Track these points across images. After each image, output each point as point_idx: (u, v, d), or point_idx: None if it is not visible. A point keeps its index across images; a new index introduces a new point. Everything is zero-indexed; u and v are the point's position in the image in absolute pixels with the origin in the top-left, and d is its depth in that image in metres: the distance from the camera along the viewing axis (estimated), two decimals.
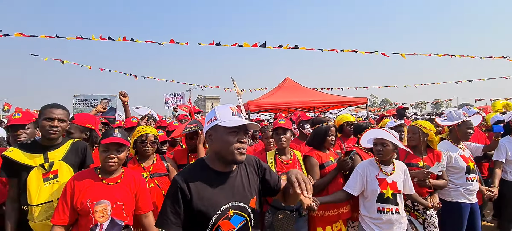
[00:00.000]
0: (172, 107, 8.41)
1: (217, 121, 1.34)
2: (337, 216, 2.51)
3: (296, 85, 8.90)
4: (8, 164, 1.95)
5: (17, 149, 1.97)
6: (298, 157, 2.60)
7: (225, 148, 1.33)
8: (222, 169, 1.40)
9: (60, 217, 1.77)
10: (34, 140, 2.08)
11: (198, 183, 1.33)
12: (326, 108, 9.71)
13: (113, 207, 1.83)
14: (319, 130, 2.66)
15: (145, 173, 2.36)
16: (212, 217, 1.30)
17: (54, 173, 1.98)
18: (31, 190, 1.92)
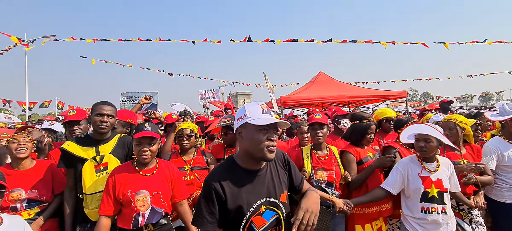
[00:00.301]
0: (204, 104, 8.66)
1: (247, 118, 1.35)
2: (378, 213, 2.42)
3: (330, 79, 8.67)
4: (66, 156, 2.16)
5: (73, 142, 2.17)
6: (334, 152, 2.54)
7: (254, 146, 1.34)
8: (252, 166, 1.41)
9: (106, 208, 1.90)
10: (87, 134, 2.27)
11: (231, 183, 1.36)
12: (361, 102, 9.35)
13: (152, 196, 1.94)
14: (358, 126, 2.56)
15: (186, 166, 2.47)
16: (245, 215, 1.34)
17: (104, 165, 2.16)
18: (85, 180, 2.11)
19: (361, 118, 2.60)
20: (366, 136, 2.54)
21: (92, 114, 2.21)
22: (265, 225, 1.37)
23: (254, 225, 1.35)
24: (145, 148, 1.92)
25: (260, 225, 1.36)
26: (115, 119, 2.30)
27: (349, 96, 8.01)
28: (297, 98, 7.60)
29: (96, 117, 2.17)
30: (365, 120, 2.57)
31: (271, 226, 1.38)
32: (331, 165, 2.44)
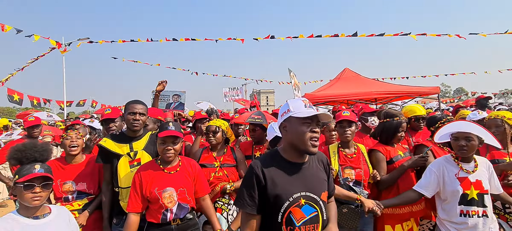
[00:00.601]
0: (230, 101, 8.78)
1: (290, 113, 1.41)
2: (409, 214, 2.33)
3: (356, 75, 8.42)
4: (103, 152, 2.29)
5: (109, 139, 2.30)
6: (362, 151, 2.48)
7: (298, 138, 1.39)
8: (295, 159, 1.45)
9: (134, 205, 1.98)
10: (122, 132, 2.40)
11: (272, 171, 1.42)
12: (389, 99, 8.99)
13: (177, 193, 2.01)
14: (389, 124, 2.48)
15: (216, 162, 2.54)
16: (284, 203, 1.38)
17: (138, 160, 2.26)
18: (120, 174, 2.22)
19: (392, 115, 2.51)
20: (397, 134, 2.45)
21: (125, 112, 2.33)
22: (304, 219, 1.39)
23: (293, 216, 1.38)
24: (169, 147, 1.98)
25: (299, 217, 1.38)
26: (147, 117, 2.40)
27: (376, 93, 7.73)
28: (322, 95, 7.47)
29: (129, 115, 2.28)
30: (396, 118, 2.48)
31: (310, 222, 1.39)
32: (359, 164, 2.38)
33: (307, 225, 1.39)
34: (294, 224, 1.37)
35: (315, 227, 1.41)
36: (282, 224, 1.38)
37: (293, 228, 1.37)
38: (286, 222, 1.37)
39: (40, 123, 3.76)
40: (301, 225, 1.38)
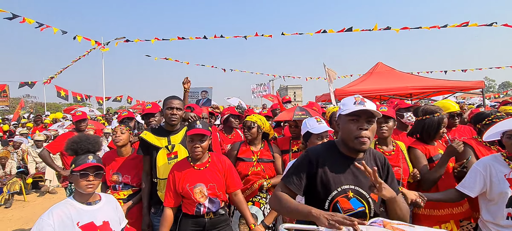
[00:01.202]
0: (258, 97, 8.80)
1: (340, 110, 1.45)
2: (449, 216, 2.22)
3: (390, 70, 8.03)
4: (143, 144, 2.44)
5: (149, 132, 2.44)
6: (401, 148, 2.36)
7: (346, 136, 1.42)
8: (349, 154, 1.47)
9: (169, 201, 2.11)
10: (160, 126, 2.53)
11: (326, 159, 1.46)
12: (426, 95, 8.49)
13: (208, 188, 2.09)
14: (429, 121, 2.35)
15: (254, 157, 2.60)
16: (332, 191, 1.41)
17: (175, 153, 2.38)
18: (159, 166, 2.35)
19: (432, 112, 2.38)
20: (438, 131, 2.33)
21: (163, 108, 2.45)
22: (350, 211, 1.40)
23: (340, 205, 1.40)
24: (197, 144, 2.05)
25: (346, 208, 1.40)
26: (183, 111, 2.51)
27: (412, 88, 7.33)
28: (353, 91, 7.21)
29: (167, 110, 2.40)
30: (436, 114, 2.36)
31: (356, 216, 1.38)
32: (398, 162, 2.28)
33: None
34: (340, 213, 1.38)
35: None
36: (329, 211, 1.38)
37: None
38: (333, 210, 1.39)
39: (86, 117, 4.08)
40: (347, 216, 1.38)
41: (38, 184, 7.17)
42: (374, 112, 1.39)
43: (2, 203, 5.91)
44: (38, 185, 7.16)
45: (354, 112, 1.38)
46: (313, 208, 1.31)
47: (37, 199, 6.62)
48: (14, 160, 6.54)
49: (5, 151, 6.40)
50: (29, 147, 7.29)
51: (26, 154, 7.13)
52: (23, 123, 10.51)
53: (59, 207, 1.65)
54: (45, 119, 10.82)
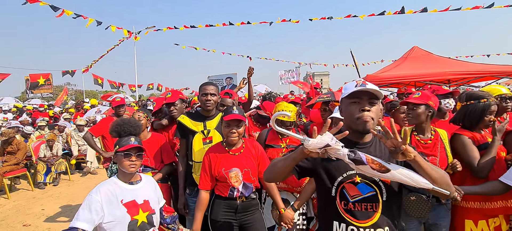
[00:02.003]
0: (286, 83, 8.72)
1: (342, 95, 1.42)
2: (502, 209, 2.06)
3: (427, 54, 7.54)
4: (181, 128, 2.53)
5: (186, 116, 2.53)
6: (441, 137, 2.23)
7: (349, 119, 1.38)
8: (355, 139, 1.42)
9: (204, 184, 2.19)
10: (197, 111, 2.61)
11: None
12: (466, 81, 7.89)
13: (242, 173, 2.13)
14: (472, 107, 2.19)
15: (282, 143, 2.60)
16: (336, 178, 1.39)
17: (210, 138, 2.45)
18: (195, 149, 2.44)
19: (477, 97, 2.22)
20: (483, 118, 2.17)
21: (199, 93, 2.52)
22: (359, 197, 1.37)
23: (347, 191, 1.38)
24: (233, 130, 2.09)
25: (353, 194, 1.37)
26: (218, 97, 2.55)
27: (451, 73, 6.83)
28: (385, 77, 6.90)
29: (202, 96, 2.46)
30: (482, 100, 2.19)
31: (366, 200, 1.36)
32: (435, 150, 2.16)
33: (363, 203, 1.36)
34: (348, 199, 1.37)
35: (374, 207, 1.37)
36: (336, 198, 1.39)
37: (347, 203, 1.37)
38: (340, 196, 1.38)
39: (124, 103, 4.33)
40: (355, 202, 1.36)
41: (81, 165, 7.77)
42: (375, 93, 1.34)
43: (51, 181, 6.50)
44: (81, 166, 7.76)
45: (354, 93, 1.34)
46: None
47: (80, 179, 7.19)
48: (60, 143, 7.11)
49: (52, 134, 6.98)
50: (72, 130, 7.87)
51: (70, 137, 7.71)
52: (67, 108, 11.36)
53: (105, 185, 1.77)
54: (85, 105, 11.60)
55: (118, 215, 1.70)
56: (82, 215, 1.62)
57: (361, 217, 1.35)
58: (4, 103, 14.98)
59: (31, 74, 17.05)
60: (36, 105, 14.03)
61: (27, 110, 11.84)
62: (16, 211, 5.09)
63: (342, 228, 1.38)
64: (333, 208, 1.39)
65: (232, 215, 2.19)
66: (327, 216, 1.43)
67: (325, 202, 1.44)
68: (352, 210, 1.35)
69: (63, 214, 4.89)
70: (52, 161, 6.51)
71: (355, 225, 1.35)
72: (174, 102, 3.11)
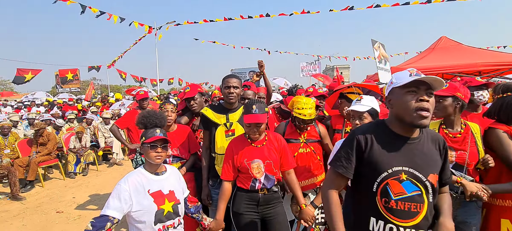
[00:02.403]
0: (307, 75, 8.60)
1: (393, 84, 1.33)
2: None
3: (456, 44, 7.15)
4: (204, 120, 2.57)
5: (209, 109, 2.56)
6: (473, 131, 2.11)
7: (403, 110, 1.29)
8: (403, 133, 1.35)
9: (226, 174, 2.20)
10: (220, 103, 2.63)
11: (375, 139, 1.37)
12: (499, 72, 7.41)
13: (264, 164, 2.13)
14: (510, 100, 2.07)
15: (301, 138, 2.56)
16: (381, 173, 1.31)
17: (232, 131, 2.47)
18: (217, 142, 2.48)
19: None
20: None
21: (222, 86, 2.54)
22: (403, 195, 1.29)
23: (390, 188, 1.30)
24: (254, 130, 2.11)
25: (397, 192, 1.30)
26: (241, 89, 2.56)
27: (482, 64, 6.44)
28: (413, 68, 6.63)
29: (225, 89, 2.48)
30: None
31: (410, 200, 1.29)
32: (464, 145, 2.05)
33: (406, 202, 1.29)
34: (390, 196, 1.30)
35: (418, 208, 1.29)
36: (377, 194, 1.32)
37: (389, 201, 1.30)
38: (382, 193, 1.31)
39: (148, 96, 4.47)
40: (398, 200, 1.29)
41: (107, 156, 8.12)
42: (434, 82, 1.25)
43: (80, 171, 6.85)
44: (107, 157, 8.11)
45: (412, 82, 1.25)
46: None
47: (107, 169, 7.52)
48: (88, 135, 7.46)
49: (81, 127, 7.33)
50: (99, 123, 8.23)
51: (97, 130, 8.07)
52: (94, 102, 11.89)
53: (133, 175, 1.84)
54: (110, 99, 12.07)
55: (145, 204, 1.76)
56: (112, 204, 1.69)
57: (403, 216, 1.29)
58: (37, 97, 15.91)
59: (60, 70, 17.94)
60: (65, 99, 14.78)
61: (58, 104, 12.49)
62: (50, 198, 5.42)
63: (379, 225, 1.32)
64: (372, 204, 1.34)
65: (254, 207, 2.20)
66: (364, 211, 1.38)
67: (363, 196, 1.39)
68: (394, 208, 1.29)
69: (92, 203, 5.15)
70: (81, 152, 6.85)
71: (395, 224, 1.29)
72: (193, 97, 3.15)
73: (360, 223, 1.40)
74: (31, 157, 5.91)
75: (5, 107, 12.80)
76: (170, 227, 1.85)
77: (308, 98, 2.52)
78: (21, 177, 5.61)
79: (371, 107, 2.14)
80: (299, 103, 2.47)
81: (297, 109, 2.46)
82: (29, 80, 13.97)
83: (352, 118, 2.18)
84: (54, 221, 4.41)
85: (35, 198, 5.46)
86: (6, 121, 6.45)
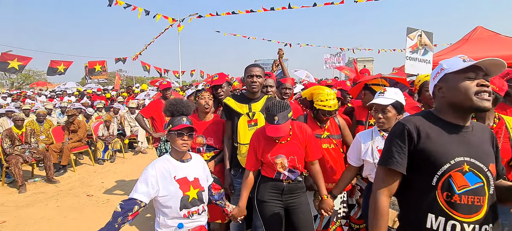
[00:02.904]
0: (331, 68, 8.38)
1: (445, 70, 1.24)
2: None
3: (493, 35, 6.66)
4: (227, 109, 2.58)
5: (232, 99, 2.57)
6: (508, 125, 1.96)
7: (461, 96, 1.19)
8: (457, 120, 1.25)
9: (250, 164, 2.21)
10: (242, 93, 2.63)
11: (427, 128, 1.25)
12: None
13: (288, 160, 2.11)
14: None
15: (324, 133, 2.51)
16: (443, 165, 1.19)
17: (255, 121, 2.46)
18: (240, 131, 2.47)
19: None
20: None
21: (245, 76, 2.53)
22: (466, 188, 1.18)
23: (454, 181, 1.18)
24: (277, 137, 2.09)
25: (461, 185, 1.18)
26: (264, 79, 2.53)
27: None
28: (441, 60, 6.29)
29: (247, 78, 2.47)
30: None
31: (474, 193, 1.18)
32: (498, 139, 1.93)
33: (470, 196, 1.17)
34: (454, 190, 1.17)
35: (481, 201, 1.18)
36: (437, 188, 1.20)
37: (452, 195, 1.18)
38: (443, 186, 1.20)
39: (171, 86, 4.58)
40: (462, 194, 1.17)
41: (133, 144, 8.45)
42: (494, 66, 1.17)
43: (108, 158, 7.18)
44: (133, 146, 8.44)
45: (470, 67, 1.17)
46: None
47: (132, 157, 7.83)
48: (115, 123, 7.78)
49: (109, 115, 7.66)
50: (125, 112, 8.56)
51: (123, 119, 8.40)
52: (121, 92, 12.38)
53: (159, 162, 1.88)
54: (135, 90, 12.51)
55: (171, 190, 1.80)
56: (140, 188, 1.75)
57: (466, 211, 1.18)
58: (68, 87, 16.80)
59: (90, 62, 18.80)
60: (94, 89, 15.50)
61: (87, 94, 13.12)
62: (81, 182, 5.74)
63: (439, 222, 1.20)
64: (431, 199, 1.22)
65: (278, 196, 2.20)
66: (419, 207, 1.26)
67: (417, 192, 1.27)
68: (457, 203, 1.18)
69: (119, 188, 5.39)
70: (109, 140, 7.17)
71: (458, 220, 1.18)
72: (221, 85, 3.16)
73: (413, 221, 1.28)
74: (64, 143, 6.27)
75: (40, 97, 13.65)
76: (195, 213, 1.88)
77: (330, 89, 2.46)
78: (55, 162, 5.98)
79: (396, 100, 2.04)
80: (321, 95, 2.41)
81: (320, 101, 2.40)
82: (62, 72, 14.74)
83: (375, 112, 2.09)
84: (85, 203, 4.68)
85: (68, 181, 5.80)
86: (41, 109, 6.88)
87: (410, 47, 4.71)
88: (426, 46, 4.86)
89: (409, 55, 4.86)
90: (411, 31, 4.77)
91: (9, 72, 14.28)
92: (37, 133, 6.14)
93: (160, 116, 4.34)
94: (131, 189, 1.78)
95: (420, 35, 4.83)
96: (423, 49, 4.80)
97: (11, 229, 3.81)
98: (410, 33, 4.79)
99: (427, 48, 4.90)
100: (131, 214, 1.67)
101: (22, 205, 4.62)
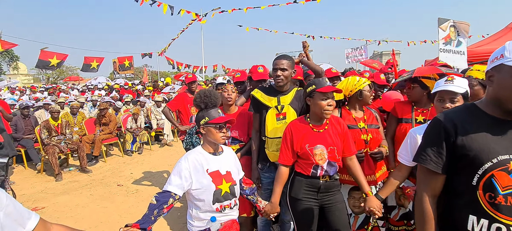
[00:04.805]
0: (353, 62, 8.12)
1: (503, 59, 1.07)
2: None
3: None
4: (254, 102, 2.54)
5: (260, 91, 2.52)
6: None
7: (509, 93, 1.07)
8: (503, 116, 1.13)
9: (284, 158, 2.09)
10: (271, 85, 2.57)
11: (468, 124, 1.15)
12: None
13: (328, 151, 2.00)
14: None
15: (361, 123, 2.39)
16: (484, 164, 1.10)
17: (283, 114, 2.39)
18: (268, 125, 2.41)
19: None
20: None
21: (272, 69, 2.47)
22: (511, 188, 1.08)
23: (497, 181, 1.09)
24: (330, 102, 1.95)
25: (505, 185, 1.08)
26: (290, 72, 2.41)
27: None
28: (482, 51, 5.84)
29: (273, 71, 2.41)
30: None
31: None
32: None
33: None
34: (497, 191, 1.08)
35: None
36: (478, 188, 1.11)
37: (495, 196, 1.08)
38: (485, 186, 1.11)
39: (196, 79, 4.63)
40: (507, 195, 1.07)
41: (159, 137, 8.68)
42: None
43: (136, 150, 7.44)
44: (159, 138, 8.68)
45: None
46: None
47: (158, 149, 8.06)
48: (142, 116, 8.03)
49: (136, 108, 7.92)
50: (151, 106, 8.80)
51: (150, 112, 8.65)
52: (147, 85, 12.78)
53: (192, 154, 1.85)
54: (160, 84, 12.85)
55: (204, 183, 1.79)
56: (174, 180, 1.74)
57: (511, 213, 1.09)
58: (98, 82, 17.59)
59: (119, 57, 19.46)
60: (121, 83, 16.11)
61: (116, 88, 13.66)
62: (111, 173, 5.99)
63: (482, 224, 1.12)
64: (472, 200, 1.14)
65: (313, 194, 2.09)
66: (459, 208, 1.18)
67: (457, 192, 1.19)
68: (501, 204, 1.08)
69: (147, 179, 5.56)
70: (137, 132, 7.42)
71: (504, 223, 1.08)
72: (243, 82, 3.15)
73: (453, 222, 1.21)
74: (96, 134, 6.57)
75: (72, 90, 14.41)
76: (227, 207, 1.86)
77: (360, 78, 2.42)
78: (87, 152, 6.28)
79: (466, 90, 1.83)
80: (354, 79, 2.39)
81: (355, 84, 2.36)
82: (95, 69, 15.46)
83: (440, 101, 1.86)
84: (115, 193, 4.87)
85: (99, 171, 6.08)
86: (75, 102, 7.24)
87: (442, 38, 4.40)
88: (459, 37, 4.53)
89: (442, 47, 4.55)
90: (442, 22, 4.45)
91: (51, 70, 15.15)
92: (71, 125, 6.46)
93: (185, 109, 4.40)
94: (158, 180, 1.79)
95: (453, 26, 4.51)
96: (456, 41, 4.48)
97: (50, 215, 4.04)
98: (441, 24, 4.47)
99: (461, 38, 4.56)
100: (166, 207, 1.67)
101: (58, 193, 4.90)
